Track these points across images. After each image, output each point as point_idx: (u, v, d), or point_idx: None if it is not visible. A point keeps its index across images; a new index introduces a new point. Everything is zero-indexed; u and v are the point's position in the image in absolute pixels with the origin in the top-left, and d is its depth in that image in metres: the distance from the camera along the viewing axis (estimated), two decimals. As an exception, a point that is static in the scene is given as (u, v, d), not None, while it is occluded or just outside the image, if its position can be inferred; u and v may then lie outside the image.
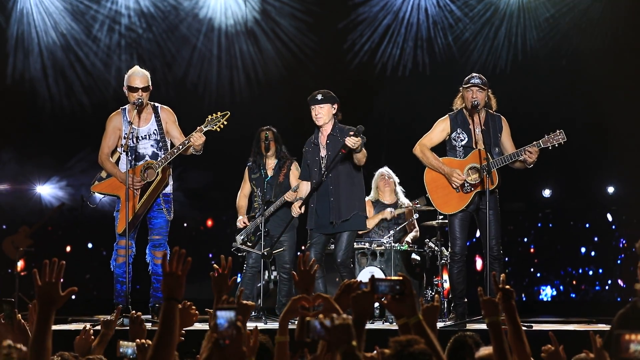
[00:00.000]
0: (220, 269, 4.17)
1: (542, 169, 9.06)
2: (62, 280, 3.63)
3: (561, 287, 13.20)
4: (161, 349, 3.35)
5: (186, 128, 8.47)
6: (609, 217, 12.95)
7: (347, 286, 3.89)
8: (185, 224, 13.38)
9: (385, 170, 10.30)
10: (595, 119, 11.82)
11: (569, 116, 11.24)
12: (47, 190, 12.97)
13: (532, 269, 13.33)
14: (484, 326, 7.56)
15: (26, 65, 12.31)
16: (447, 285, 9.49)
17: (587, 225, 13.09)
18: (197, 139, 8.20)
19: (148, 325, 7.76)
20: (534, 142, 7.98)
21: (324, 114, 8.37)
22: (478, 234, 9.48)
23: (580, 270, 13.11)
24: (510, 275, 13.08)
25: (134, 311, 4.54)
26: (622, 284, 12.78)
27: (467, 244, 8.45)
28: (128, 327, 4.64)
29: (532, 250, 13.41)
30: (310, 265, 4.22)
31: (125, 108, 8.53)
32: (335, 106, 8.42)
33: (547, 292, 13.23)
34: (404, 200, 10.15)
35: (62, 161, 12.82)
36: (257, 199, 9.33)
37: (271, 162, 9.36)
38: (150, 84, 8.48)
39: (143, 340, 4.02)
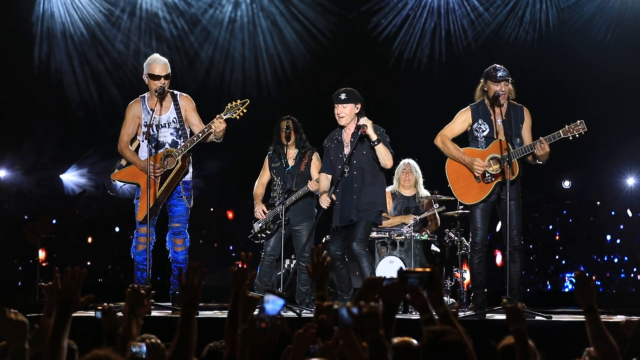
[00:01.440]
0: (240, 263, 4.23)
1: (562, 160, 9.02)
2: (85, 270, 3.78)
3: (586, 275, 13.14)
4: (179, 354, 3.51)
5: (206, 115, 8.49)
6: (629, 212, 12.88)
7: (371, 281, 3.90)
8: (212, 209, 13.45)
9: (408, 162, 10.25)
10: (616, 110, 11.76)
11: (590, 106, 11.20)
12: (69, 178, 13.05)
13: (557, 257, 13.29)
14: (503, 317, 7.57)
15: (51, 55, 12.40)
16: (466, 275, 9.48)
17: (613, 213, 13.02)
18: (218, 126, 8.20)
19: (168, 312, 7.87)
20: (554, 133, 7.94)
21: (347, 113, 8.36)
22: (498, 227, 9.45)
23: (606, 258, 13.06)
24: (535, 262, 13.05)
25: (105, 303, 4.55)
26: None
27: (488, 237, 8.44)
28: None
29: (557, 237, 13.36)
30: (322, 257, 4.26)
31: (145, 96, 8.53)
32: (359, 106, 8.40)
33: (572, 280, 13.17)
34: (424, 192, 10.13)
35: (84, 148, 12.90)
36: (277, 188, 9.34)
37: (292, 152, 9.36)
38: (170, 71, 8.48)
39: (153, 340, 4.05)
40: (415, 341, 3.67)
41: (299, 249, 9.19)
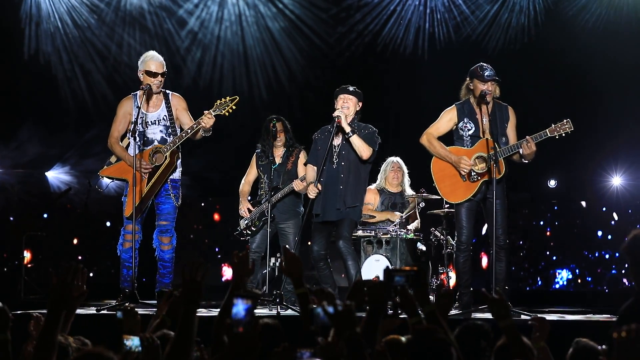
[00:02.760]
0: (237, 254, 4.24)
1: (548, 159, 9.04)
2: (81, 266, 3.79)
3: (577, 271, 13.16)
4: (178, 350, 3.50)
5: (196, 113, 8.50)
6: (615, 215, 12.91)
7: (360, 283, 3.91)
8: (202, 204, 13.46)
9: (397, 160, 10.28)
10: (602, 108, 11.79)
11: (577, 104, 11.24)
12: (55, 175, 13.01)
13: (547, 252, 13.31)
14: (489, 315, 7.58)
15: (39, 51, 12.37)
16: (452, 274, 9.51)
17: (604, 209, 13.04)
18: (208, 121, 8.22)
19: (153, 311, 7.84)
20: (541, 132, 7.95)
21: (350, 105, 8.46)
22: (484, 230, 9.45)
23: (597, 254, 13.08)
24: (526, 259, 13.07)
25: (127, 303, 4.57)
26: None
27: (474, 240, 8.45)
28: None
29: (548, 233, 13.38)
30: (292, 254, 4.25)
31: (137, 93, 8.56)
32: (360, 104, 8.54)
33: (562, 276, 13.18)
34: (409, 192, 10.15)
35: (70, 146, 12.86)
36: (264, 186, 9.36)
37: (280, 151, 9.39)
38: (165, 69, 8.52)
39: (148, 335, 4.05)
40: (404, 339, 3.68)
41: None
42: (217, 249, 13.15)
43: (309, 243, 9.03)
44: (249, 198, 9.56)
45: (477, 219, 8.46)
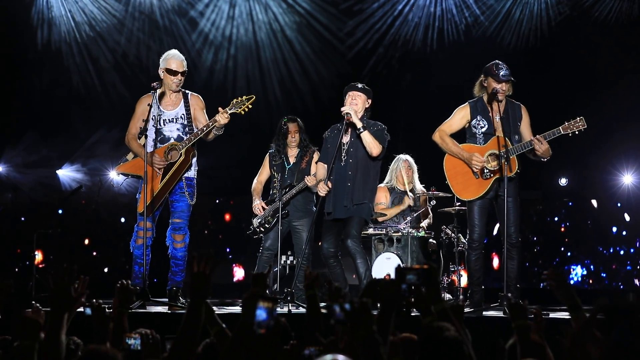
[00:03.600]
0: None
1: (559, 157, 9.01)
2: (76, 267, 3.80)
3: (592, 267, 13.12)
4: (183, 344, 3.48)
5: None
6: (626, 215, 12.86)
7: (374, 282, 3.91)
8: (217, 200, 13.48)
9: (408, 158, 10.24)
10: (613, 106, 11.76)
11: (586, 102, 11.21)
12: (66, 173, 13.04)
13: (562, 248, 13.28)
14: (500, 313, 7.57)
15: (51, 44, 12.42)
16: (463, 274, 9.50)
17: (619, 205, 13.00)
18: (223, 119, 8.23)
19: (164, 309, 7.87)
20: (554, 129, 7.92)
21: (359, 102, 8.45)
22: (495, 230, 9.41)
23: (612, 250, 13.03)
24: (540, 255, 13.05)
25: (94, 299, 4.58)
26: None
27: (485, 241, 8.42)
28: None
29: (562, 229, 13.34)
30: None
31: (157, 91, 8.57)
32: (369, 101, 8.52)
33: (577, 272, 13.15)
34: (419, 187, 10.14)
35: (81, 144, 12.90)
36: (277, 185, 9.35)
37: (293, 151, 9.39)
38: (186, 68, 8.54)
39: (148, 331, 4.06)
40: (416, 337, 3.68)
41: (298, 245, 9.22)
42: (228, 249, 13.17)
43: (320, 243, 9.04)
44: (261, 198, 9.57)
45: (489, 218, 8.44)
